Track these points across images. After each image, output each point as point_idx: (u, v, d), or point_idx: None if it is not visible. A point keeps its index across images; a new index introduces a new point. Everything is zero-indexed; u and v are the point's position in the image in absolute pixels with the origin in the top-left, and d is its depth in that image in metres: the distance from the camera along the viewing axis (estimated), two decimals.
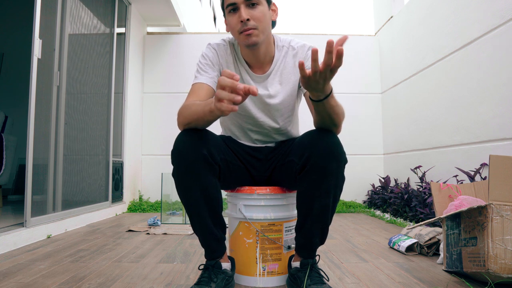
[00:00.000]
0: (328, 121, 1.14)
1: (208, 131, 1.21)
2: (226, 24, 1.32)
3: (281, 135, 1.44)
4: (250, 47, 1.27)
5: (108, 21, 3.40)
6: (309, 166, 1.14)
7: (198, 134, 1.16)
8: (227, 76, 0.92)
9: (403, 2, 3.86)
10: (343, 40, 0.88)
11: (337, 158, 1.14)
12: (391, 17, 3.91)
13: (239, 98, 0.91)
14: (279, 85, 1.36)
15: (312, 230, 1.22)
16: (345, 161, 1.17)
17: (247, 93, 0.91)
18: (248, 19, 1.22)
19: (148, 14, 4.11)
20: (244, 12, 1.21)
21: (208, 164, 1.15)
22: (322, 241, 1.26)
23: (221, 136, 1.43)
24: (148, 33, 4.30)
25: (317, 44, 1.44)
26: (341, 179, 1.18)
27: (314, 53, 0.92)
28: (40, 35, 2.23)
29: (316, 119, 1.17)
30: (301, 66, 0.94)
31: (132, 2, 3.82)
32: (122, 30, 3.69)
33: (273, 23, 1.35)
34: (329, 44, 0.88)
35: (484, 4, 2.37)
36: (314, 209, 1.18)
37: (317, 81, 0.97)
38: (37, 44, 2.20)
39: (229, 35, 1.39)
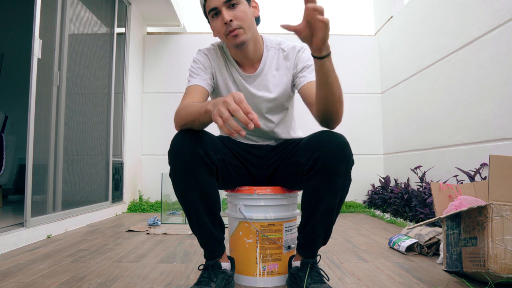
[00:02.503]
0: (331, 99, 1.11)
1: (204, 131, 1.22)
2: (213, 30, 1.33)
3: (274, 133, 1.44)
4: (239, 46, 1.28)
5: (108, 21, 3.40)
6: (318, 167, 1.14)
7: (194, 134, 1.17)
8: (243, 111, 0.93)
9: (403, 2, 3.86)
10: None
11: (347, 159, 1.14)
12: (391, 17, 3.91)
13: (243, 133, 0.92)
14: (270, 85, 1.37)
15: (316, 230, 1.22)
16: (353, 163, 1.18)
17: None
18: (231, 20, 1.23)
19: (148, 14, 4.11)
20: (227, 14, 1.23)
21: (204, 164, 1.16)
22: (324, 242, 1.27)
23: (220, 136, 1.43)
24: (148, 33, 4.30)
25: None
26: (349, 180, 1.19)
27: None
28: (40, 35, 2.23)
29: (319, 98, 1.13)
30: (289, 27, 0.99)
31: (132, 2, 3.82)
32: (122, 30, 3.69)
33: (258, 20, 1.37)
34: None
35: (484, 4, 2.37)
36: (319, 209, 1.18)
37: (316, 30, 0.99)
38: (37, 44, 2.20)
39: (217, 39, 1.40)
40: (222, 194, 3.02)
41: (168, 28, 4.77)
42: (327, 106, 1.13)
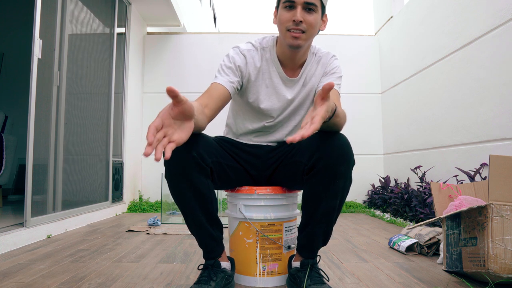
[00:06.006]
0: (330, 130, 1.16)
1: (199, 133, 1.22)
2: (275, 16, 1.32)
3: (290, 133, 1.45)
4: (292, 48, 1.27)
5: (108, 21, 3.40)
6: (319, 168, 1.14)
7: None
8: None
9: (403, 2, 3.86)
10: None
11: (348, 160, 1.14)
12: (391, 17, 3.91)
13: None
14: (305, 90, 1.39)
15: (315, 230, 1.22)
16: (354, 163, 1.17)
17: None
18: (301, 21, 1.22)
19: (148, 14, 4.11)
20: (300, 14, 1.22)
21: (198, 165, 1.15)
22: (324, 242, 1.27)
23: (217, 138, 1.42)
24: (148, 33, 4.30)
25: (317, 44, 1.45)
26: (349, 181, 1.19)
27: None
28: (40, 35, 2.23)
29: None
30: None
31: (132, 2, 3.82)
32: (122, 30, 3.69)
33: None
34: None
35: (484, 4, 2.37)
36: (319, 210, 1.18)
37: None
38: (37, 44, 2.20)
39: (255, 38, 1.40)
40: (222, 194, 3.02)
41: (168, 28, 4.77)
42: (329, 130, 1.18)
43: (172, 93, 0.83)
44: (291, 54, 1.32)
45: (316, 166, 1.15)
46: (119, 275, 1.48)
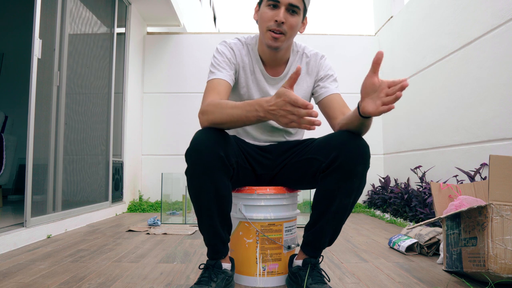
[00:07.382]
0: (357, 130, 1.18)
1: (225, 132, 1.19)
2: (256, 12, 1.32)
3: (287, 135, 1.46)
4: (271, 49, 1.28)
5: (108, 21, 3.40)
6: (336, 166, 1.14)
7: (216, 135, 1.14)
8: (301, 106, 0.95)
9: (403, 2, 3.86)
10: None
11: (366, 161, 1.15)
12: (391, 17, 3.91)
13: (319, 122, 0.95)
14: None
15: (325, 228, 1.22)
16: (369, 166, 1.18)
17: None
18: (282, 22, 1.22)
19: (148, 14, 4.11)
20: (283, 15, 1.22)
21: (223, 165, 1.14)
22: (330, 243, 1.27)
23: (233, 137, 1.42)
24: (148, 33, 4.30)
25: (317, 44, 1.46)
26: (364, 182, 1.19)
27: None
28: (40, 35, 2.23)
29: (350, 128, 1.19)
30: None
31: (132, 2, 3.82)
32: (122, 30, 3.69)
33: None
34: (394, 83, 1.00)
35: (484, 4, 2.37)
36: (332, 208, 1.18)
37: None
38: (37, 44, 2.20)
39: (243, 35, 1.40)
40: None
41: (168, 28, 4.77)
42: (356, 132, 1.19)
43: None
44: (271, 53, 1.32)
45: (333, 164, 1.15)
46: (119, 275, 1.48)
